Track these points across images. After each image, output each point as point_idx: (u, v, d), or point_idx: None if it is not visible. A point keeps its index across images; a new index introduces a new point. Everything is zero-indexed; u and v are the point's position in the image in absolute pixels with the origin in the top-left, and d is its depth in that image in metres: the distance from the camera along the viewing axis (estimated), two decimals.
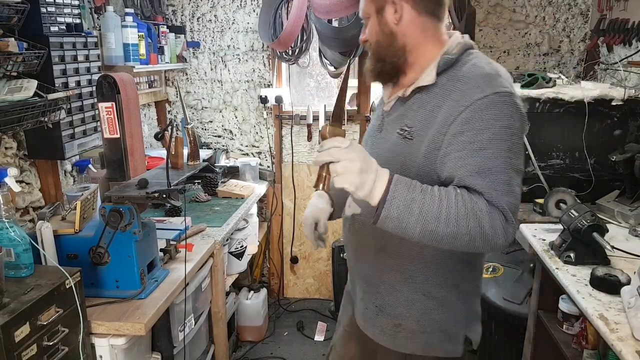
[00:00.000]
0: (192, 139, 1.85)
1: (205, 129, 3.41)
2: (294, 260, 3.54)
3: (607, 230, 1.63)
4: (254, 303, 3.00)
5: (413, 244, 1.18)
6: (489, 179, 1.05)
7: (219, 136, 3.43)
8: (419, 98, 1.17)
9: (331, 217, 1.44)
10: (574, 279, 1.55)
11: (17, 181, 1.65)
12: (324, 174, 1.02)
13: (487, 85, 1.09)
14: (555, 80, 2.29)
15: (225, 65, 3.29)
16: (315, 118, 3.19)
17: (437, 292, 1.25)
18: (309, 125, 3.25)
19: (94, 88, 1.99)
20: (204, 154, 2.83)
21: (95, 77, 2.01)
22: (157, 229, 1.86)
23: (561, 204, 1.91)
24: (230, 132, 3.41)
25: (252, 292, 3.05)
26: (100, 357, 1.51)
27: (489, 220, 1.02)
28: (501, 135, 1.06)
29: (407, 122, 1.17)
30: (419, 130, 1.15)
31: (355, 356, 1.49)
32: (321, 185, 1.02)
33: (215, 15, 3.22)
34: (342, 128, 1.08)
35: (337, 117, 1.09)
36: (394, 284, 1.27)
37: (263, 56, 3.26)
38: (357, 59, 3.09)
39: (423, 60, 1.18)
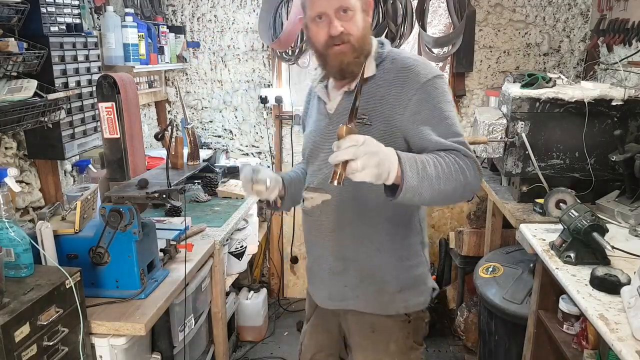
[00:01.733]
0: (192, 139, 1.85)
1: (205, 129, 3.42)
2: (294, 260, 3.54)
3: (607, 230, 1.63)
4: (254, 303, 3.00)
5: (382, 216, 1.37)
6: (457, 140, 1.25)
7: (219, 136, 3.43)
8: (365, 88, 1.28)
9: (278, 206, 1.55)
10: (574, 279, 1.55)
11: (17, 181, 1.65)
12: (339, 170, 1.05)
13: (428, 71, 1.30)
14: (555, 80, 2.28)
15: (225, 66, 3.30)
16: None
17: (408, 252, 1.43)
18: None
19: (94, 88, 1.99)
20: (204, 154, 2.83)
21: (95, 77, 2.01)
22: (157, 229, 1.86)
23: (561, 204, 1.91)
24: (230, 132, 3.41)
25: (252, 292, 3.05)
26: (100, 357, 1.51)
27: (473, 170, 1.21)
28: (449, 107, 1.30)
29: (361, 111, 1.27)
30: (374, 116, 1.31)
31: (324, 346, 1.66)
32: (336, 181, 1.06)
33: (215, 16, 3.22)
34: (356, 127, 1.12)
35: (352, 117, 1.12)
36: (371, 254, 1.41)
37: (263, 56, 3.26)
38: None
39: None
